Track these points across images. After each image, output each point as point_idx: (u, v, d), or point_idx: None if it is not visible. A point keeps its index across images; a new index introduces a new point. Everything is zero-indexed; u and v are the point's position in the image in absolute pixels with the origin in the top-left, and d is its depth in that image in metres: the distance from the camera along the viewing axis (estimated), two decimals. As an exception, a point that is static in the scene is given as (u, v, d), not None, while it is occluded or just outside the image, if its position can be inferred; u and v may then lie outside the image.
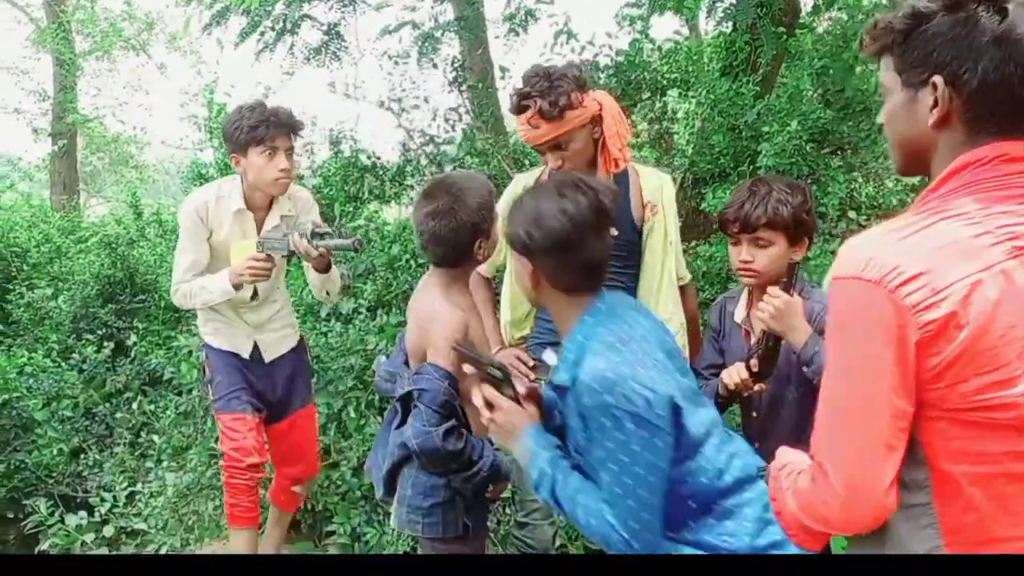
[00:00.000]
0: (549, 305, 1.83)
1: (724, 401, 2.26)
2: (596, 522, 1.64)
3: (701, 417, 1.72)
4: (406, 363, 2.30)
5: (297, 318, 4.61)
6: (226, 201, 2.99)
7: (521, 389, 1.84)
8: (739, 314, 2.38)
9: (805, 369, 2.07)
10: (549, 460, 1.74)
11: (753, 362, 2.17)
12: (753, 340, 2.27)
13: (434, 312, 2.15)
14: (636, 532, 1.61)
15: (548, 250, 1.72)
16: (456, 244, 2.15)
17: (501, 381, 1.84)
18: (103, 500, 3.93)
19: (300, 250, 2.83)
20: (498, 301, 2.80)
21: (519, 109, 2.41)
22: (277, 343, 3.27)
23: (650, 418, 1.59)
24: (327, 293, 3.20)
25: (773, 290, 2.09)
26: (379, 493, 2.32)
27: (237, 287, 2.96)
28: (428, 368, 2.08)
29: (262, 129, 2.86)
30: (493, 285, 2.87)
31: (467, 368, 1.90)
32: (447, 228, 2.12)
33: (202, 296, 3.00)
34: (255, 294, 3.10)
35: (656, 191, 2.56)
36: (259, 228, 3.04)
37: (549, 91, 2.35)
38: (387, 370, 2.33)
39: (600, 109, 2.44)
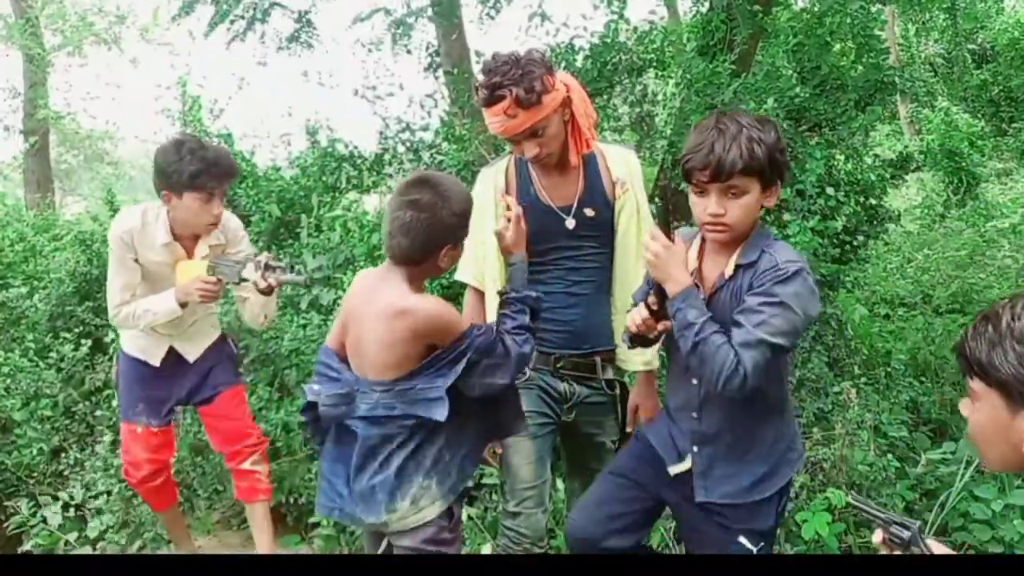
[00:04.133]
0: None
1: (634, 343, 2.18)
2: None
3: None
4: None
5: (277, 309, 4.58)
6: (152, 229, 2.96)
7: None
8: (690, 263, 2.09)
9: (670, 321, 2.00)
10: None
11: (651, 299, 2.03)
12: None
13: (423, 309, 2.12)
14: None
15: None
16: (427, 241, 2.09)
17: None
18: (71, 498, 3.90)
19: (252, 281, 2.85)
20: None
21: (492, 100, 2.31)
22: (196, 344, 3.25)
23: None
24: (264, 317, 3.18)
25: (655, 233, 1.98)
26: (378, 512, 2.19)
27: (183, 305, 2.96)
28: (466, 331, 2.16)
29: (203, 178, 2.82)
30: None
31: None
32: (424, 222, 2.07)
33: (146, 318, 2.99)
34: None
35: (623, 166, 2.55)
36: (188, 255, 3.04)
37: (523, 78, 2.27)
38: (335, 394, 2.22)
39: (568, 90, 2.41)
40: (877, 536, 1.57)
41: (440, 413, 2.11)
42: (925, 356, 4.86)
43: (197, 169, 2.80)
